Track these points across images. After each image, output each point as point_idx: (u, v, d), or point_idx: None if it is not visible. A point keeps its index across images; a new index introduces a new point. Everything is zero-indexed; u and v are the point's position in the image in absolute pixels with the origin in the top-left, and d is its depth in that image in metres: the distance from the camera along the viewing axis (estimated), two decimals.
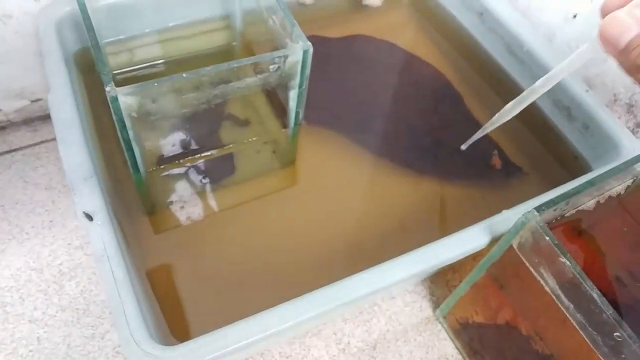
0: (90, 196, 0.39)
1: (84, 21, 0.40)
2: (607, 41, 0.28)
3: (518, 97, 0.41)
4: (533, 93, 0.39)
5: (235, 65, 0.40)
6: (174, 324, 0.43)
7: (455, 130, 0.60)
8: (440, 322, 0.51)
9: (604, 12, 0.30)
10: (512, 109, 0.42)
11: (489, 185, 0.56)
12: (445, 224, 0.53)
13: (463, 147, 0.47)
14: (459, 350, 0.49)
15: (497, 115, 0.44)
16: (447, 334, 0.50)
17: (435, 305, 0.52)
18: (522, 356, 0.44)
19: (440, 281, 0.53)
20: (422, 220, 0.53)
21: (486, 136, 0.59)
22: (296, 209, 0.53)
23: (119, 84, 0.37)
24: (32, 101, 0.59)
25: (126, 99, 0.37)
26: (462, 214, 0.54)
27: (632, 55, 0.27)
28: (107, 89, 0.36)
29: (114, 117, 0.38)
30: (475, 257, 0.55)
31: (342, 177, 0.55)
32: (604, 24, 0.28)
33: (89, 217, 0.37)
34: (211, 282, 0.47)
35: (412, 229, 0.52)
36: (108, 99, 0.37)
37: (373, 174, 0.56)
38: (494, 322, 0.47)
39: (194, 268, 0.47)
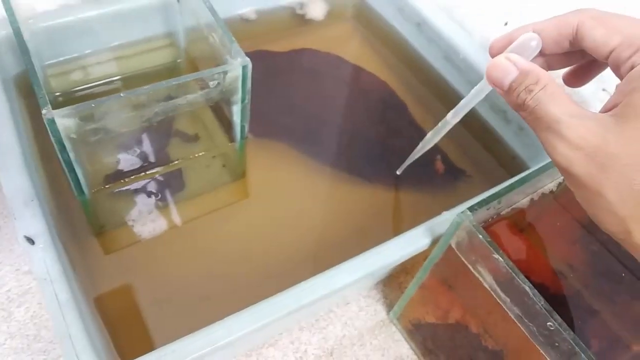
0: (32, 220, 0.39)
1: (19, 45, 0.40)
2: (493, 83, 0.31)
3: (435, 128, 0.45)
4: (446, 124, 0.44)
5: (174, 83, 0.41)
6: (127, 345, 0.43)
7: (401, 137, 0.62)
8: (394, 324, 0.52)
9: (490, 53, 0.34)
10: (432, 139, 0.47)
11: (438, 189, 0.58)
12: (399, 229, 0.55)
13: (398, 172, 0.51)
14: (414, 351, 0.51)
15: (420, 144, 0.48)
16: (402, 335, 0.51)
17: (389, 308, 0.53)
18: (474, 353, 0.46)
19: (393, 284, 0.55)
20: (374, 226, 0.55)
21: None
22: (249, 221, 0.53)
23: (70, 102, 0.37)
24: None
25: (63, 120, 0.37)
26: (413, 218, 0.55)
27: (514, 95, 0.30)
28: (44, 111, 0.36)
29: (53, 140, 0.38)
30: (425, 258, 0.57)
31: (293, 188, 0.56)
32: (488, 69, 0.31)
33: (31, 241, 0.37)
34: (165, 300, 0.46)
35: (366, 235, 0.54)
36: (45, 121, 0.37)
37: (324, 183, 0.57)
38: (445, 322, 0.48)
39: (146, 286, 0.47)
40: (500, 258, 0.34)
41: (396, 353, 0.50)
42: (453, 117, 0.42)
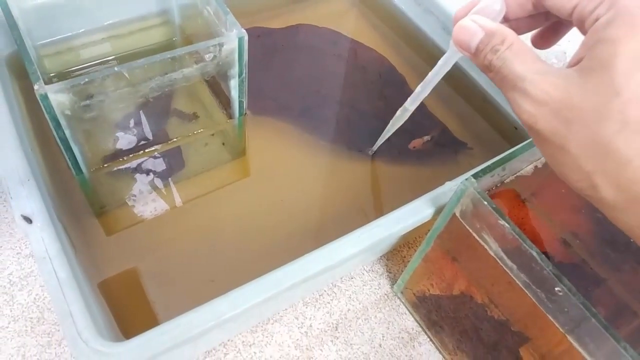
0: (28, 199, 0.38)
1: (7, 19, 0.39)
2: (460, 46, 0.31)
3: (404, 105, 0.47)
4: (417, 98, 0.46)
5: (168, 56, 0.40)
6: (130, 323, 0.43)
7: None
8: (398, 297, 0.52)
9: (455, 22, 0.33)
10: (402, 115, 0.48)
11: (440, 162, 0.58)
12: (400, 203, 0.54)
13: (370, 152, 0.51)
14: (419, 323, 0.51)
15: (390, 122, 0.50)
16: (406, 308, 0.51)
17: (393, 281, 0.53)
18: (479, 323, 0.46)
19: (396, 258, 0.54)
20: (375, 200, 0.54)
21: (430, 115, 0.61)
22: (250, 199, 0.53)
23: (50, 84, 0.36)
24: None
25: (57, 96, 0.36)
26: (414, 191, 0.55)
27: (481, 56, 0.29)
28: (36, 87, 0.36)
29: (47, 116, 0.37)
30: (427, 231, 0.56)
31: (293, 165, 0.56)
32: (455, 32, 0.31)
33: (28, 220, 0.37)
34: (167, 278, 0.46)
35: (367, 210, 0.53)
36: (37, 97, 0.36)
37: (324, 159, 0.57)
38: (449, 293, 0.48)
39: (149, 266, 0.47)
40: (507, 224, 0.34)
41: (401, 326, 0.50)
42: (422, 91, 0.44)
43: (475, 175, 0.36)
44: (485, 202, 0.34)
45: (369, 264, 0.53)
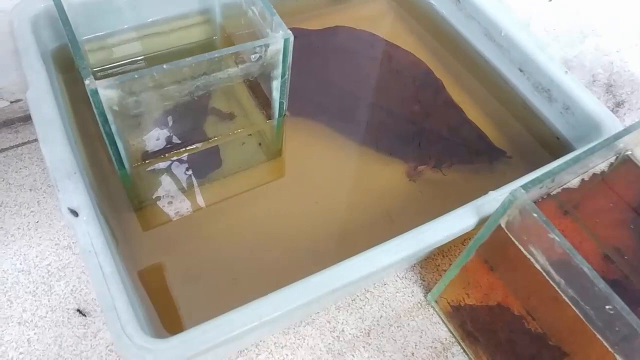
0: (74, 192, 0.38)
1: (59, 15, 0.40)
2: None
3: None
4: None
5: (216, 55, 0.40)
6: (167, 317, 0.43)
7: (437, 117, 0.60)
8: (432, 306, 0.51)
9: None
10: None
11: (472, 170, 0.57)
12: (431, 209, 0.53)
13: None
14: (452, 333, 0.50)
15: None
16: (440, 317, 0.51)
17: (426, 289, 0.52)
18: (515, 336, 0.45)
19: (430, 266, 0.54)
20: (408, 206, 0.53)
21: (467, 121, 0.60)
22: (285, 200, 0.53)
23: (108, 77, 0.36)
24: (11, 102, 0.58)
25: (106, 92, 0.37)
26: (446, 199, 0.54)
27: None
28: (87, 82, 0.36)
29: (95, 111, 0.38)
30: (463, 240, 0.56)
31: (328, 167, 0.55)
32: None
33: (74, 213, 0.37)
34: (202, 275, 0.46)
35: (399, 215, 0.53)
36: (88, 92, 0.36)
37: (358, 162, 0.56)
38: (485, 304, 0.47)
39: (184, 261, 0.47)
40: (557, 238, 0.33)
41: (434, 335, 0.50)
42: None
43: (524, 187, 0.35)
44: (536, 215, 0.34)
45: (402, 270, 0.53)
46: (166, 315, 0.43)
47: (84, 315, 0.45)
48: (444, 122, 0.60)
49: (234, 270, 0.47)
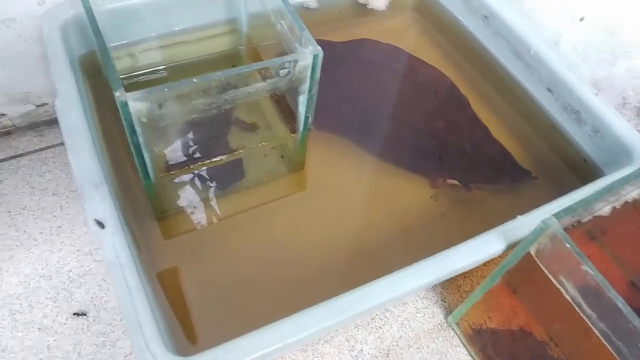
0: (101, 203, 0.38)
1: (91, 24, 0.40)
2: None
3: None
4: None
5: (245, 70, 0.40)
6: (187, 332, 0.43)
7: (461, 134, 0.60)
8: (452, 329, 0.50)
9: None
10: None
11: (495, 190, 0.56)
12: (453, 229, 0.53)
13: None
14: (473, 357, 0.49)
15: None
16: (460, 340, 0.50)
17: (447, 311, 0.51)
18: None
19: (452, 286, 0.53)
20: (429, 224, 0.53)
21: (492, 140, 0.59)
22: (305, 214, 0.52)
23: (134, 85, 0.36)
24: (37, 106, 0.58)
25: (136, 104, 0.37)
26: (469, 218, 0.54)
27: None
28: (117, 94, 0.36)
29: (124, 123, 0.38)
30: (488, 261, 0.55)
31: (349, 182, 0.55)
32: None
33: (101, 225, 0.37)
34: (222, 288, 0.46)
35: (420, 233, 0.52)
36: (117, 104, 0.36)
37: (380, 177, 0.56)
38: (507, 328, 0.46)
39: (204, 274, 0.47)
40: (590, 270, 0.32)
41: (454, 359, 0.49)
42: None
43: (557, 215, 0.34)
44: (568, 245, 0.33)
45: (423, 290, 0.52)
46: (186, 328, 0.43)
47: (84, 314, 0.45)
48: (467, 139, 0.59)
49: (254, 283, 0.47)
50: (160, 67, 0.58)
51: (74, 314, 0.46)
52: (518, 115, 0.61)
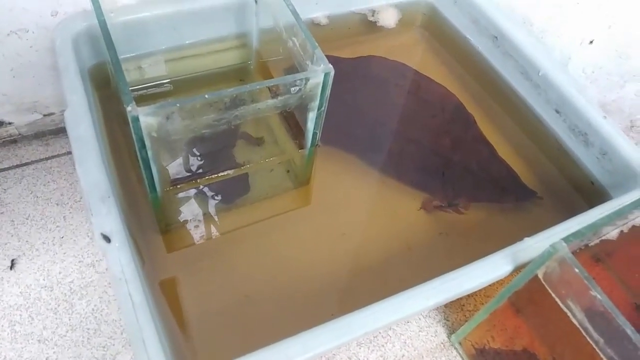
0: (107, 217, 0.38)
1: (104, 37, 0.40)
2: None
3: None
4: None
5: (257, 86, 0.40)
6: (189, 348, 0.42)
7: (466, 151, 0.60)
8: (455, 348, 0.50)
9: None
10: None
11: (498, 208, 0.56)
12: (456, 245, 0.53)
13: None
14: None
15: None
16: (463, 359, 0.50)
17: (450, 330, 0.51)
18: None
19: (455, 305, 0.53)
20: (432, 242, 0.53)
21: (499, 160, 0.59)
22: (309, 229, 0.52)
23: (143, 98, 0.36)
24: (44, 115, 0.58)
25: (147, 118, 0.37)
26: (470, 235, 0.53)
27: None
28: (129, 108, 0.36)
29: (134, 137, 0.38)
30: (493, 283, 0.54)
31: (354, 197, 0.55)
32: None
33: (107, 239, 0.37)
34: (225, 303, 0.46)
35: (422, 251, 0.52)
36: (129, 118, 0.36)
37: (385, 194, 0.56)
38: (511, 348, 0.46)
39: (207, 287, 0.46)
40: (599, 296, 0.32)
41: None
42: None
43: (566, 239, 0.34)
44: (577, 270, 0.33)
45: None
46: (189, 341, 0.42)
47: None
48: (473, 158, 0.59)
49: (257, 298, 0.46)
50: (167, 80, 0.58)
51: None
52: (525, 135, 0.61)
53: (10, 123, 0.57)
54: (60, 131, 0.60)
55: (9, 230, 0.52)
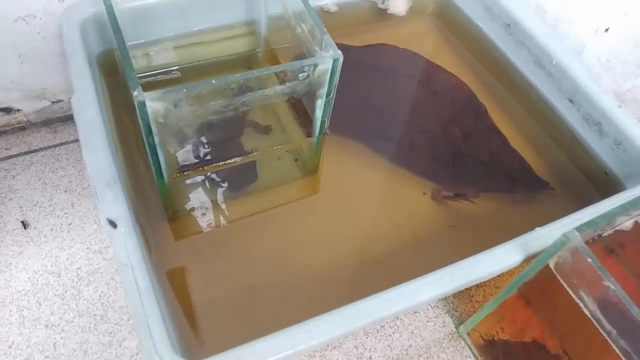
0: (114, 202, 0.38)
1: (112, 24, 0.40)
2: None
3: None
4: None
5: (265, 72, 0.39)
6: (195, 334, 0.42)
7: (477, 142, 0.59)
8: (464, 339, 0.50)
9: None
10: None
11: (509, 199, 0.55)
12: (466, 236, 0.52)
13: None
14: None
15: None
16: (471, 350, 0.49)
17: (458, 320, 0.51)
18: None
19: (464, 296, 0.52)
20: (442, 232, 0.52)
21: (511, 150, 0.58)
22: (316, 217, 0.52)
23: (151, 85, 0.36)
24: (52, 102, 0.58)
25: (153, 104, 0.36)
26: (480, 226, 0.53)
27: None
28: (135, 93, 0.36)
29: (140, 123, 0.37)
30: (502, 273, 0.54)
31: (362, 186, 0.54)
32: None
33: (113, 224, 0.37)
34: (231, 290, 0.46)
35: (431, 241, 0.51)
36: (135, 103, 0.36)
37: (393, 183, 0.55)
38: (520, 339, 0.45)
39: (214, 275, 0.46)
40: (613, 286, 0.31)
41: None
42: None
43: (579, 229, 0.33)
44: (590, 260, 0.32)
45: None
46: (194, 330, 0.42)
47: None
48: (484, 148, 0.59)
49: (263, 286, 0.46)
50: (175, 67, 0.58)
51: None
52: (537, 125, 0.60)
53: (18, 110, 0.57)
54: (68, 118, 0.60)
55: (17, 217, 0.52)
